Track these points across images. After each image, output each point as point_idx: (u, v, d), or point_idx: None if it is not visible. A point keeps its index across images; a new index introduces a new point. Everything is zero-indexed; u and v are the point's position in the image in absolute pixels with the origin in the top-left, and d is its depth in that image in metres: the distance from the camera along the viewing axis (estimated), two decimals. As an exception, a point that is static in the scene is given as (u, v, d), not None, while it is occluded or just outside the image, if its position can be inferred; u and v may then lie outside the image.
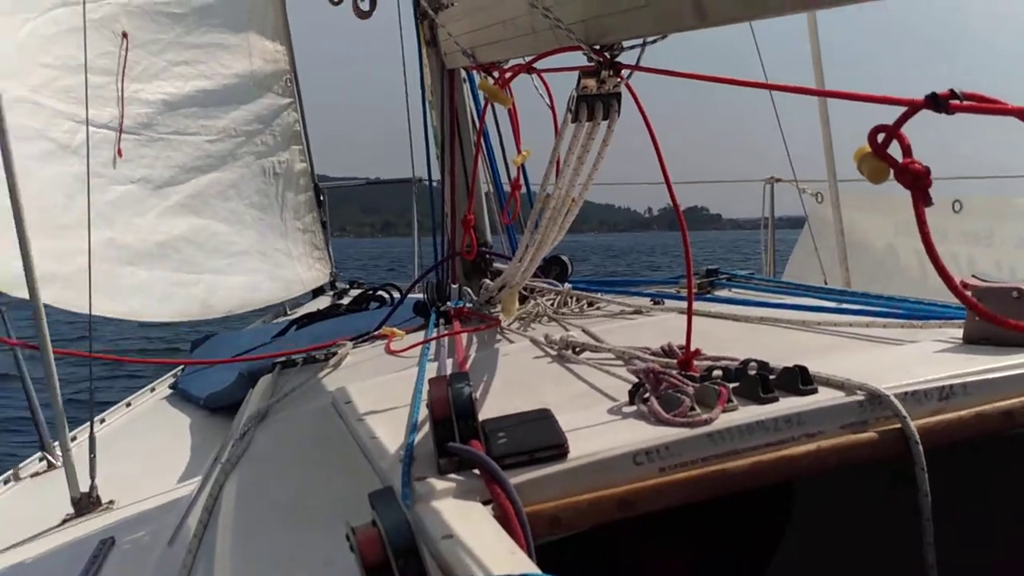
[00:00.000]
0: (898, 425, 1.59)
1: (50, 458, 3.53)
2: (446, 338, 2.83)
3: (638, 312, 2.99)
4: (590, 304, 3.18)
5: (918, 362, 1.85)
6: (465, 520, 1.32)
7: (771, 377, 1.70)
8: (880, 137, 1.19)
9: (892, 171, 1.19)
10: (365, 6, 3.82)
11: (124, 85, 5.21)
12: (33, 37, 4.56)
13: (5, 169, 2.85)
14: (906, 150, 1.18)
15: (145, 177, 5.39)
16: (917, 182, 1.15)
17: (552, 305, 3.15)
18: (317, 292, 6.88)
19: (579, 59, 2.05)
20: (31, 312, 2.97)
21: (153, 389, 4.72)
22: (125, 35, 5.24)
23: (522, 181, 3.48)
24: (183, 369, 4.87)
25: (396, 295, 5.19)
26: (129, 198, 5.24)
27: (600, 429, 1.62)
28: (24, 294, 3.18)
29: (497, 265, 3.64)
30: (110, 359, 4.20)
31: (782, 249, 6.63)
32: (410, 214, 7.72)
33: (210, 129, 5.88)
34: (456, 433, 1.49)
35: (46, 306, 3.03)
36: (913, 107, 1.15)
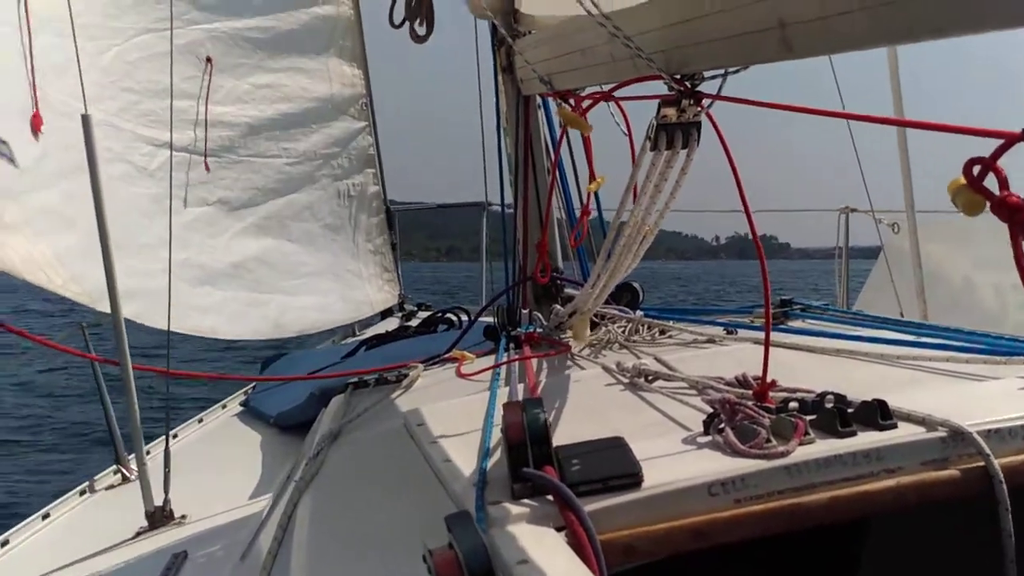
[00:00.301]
0: (981, 463, 1.55)
1: (124, 471, 3.59)
2: (516, 363, 2.83)
3: (711, 341, 2.96)
4: (662, 332, 3.15)
5: (1002, 399, 1.80)
6: (539, 546, 1.32)
7: (849, 410, 1.68)
8: (976, 170, 1.17)
9: (988, 204, 1.17)
10: (421, 31, 3.87)
11: (208, 108, 5.36)
12: (117, 62, 4.71)
13: (92, 190, 2.94)
14: (1003, 183, 1.15)
15: (222, 199, 5.52)
16: (1015, 216, 1.13)
17: (623, 332, 3.14)
18: (385, 314, 6.94)
19: (658, 87, 2.06)
20: (110, 328, 3.04)
21: (224, 406, 4.79)
22: (209, 60, 5.39)
23: (593, 207, 3.48)
24: (254, 387, 4.94)
25: (464, 318, 5.21)
26: (206, 219, 5.37)
27: (674, 459, 1.61)
28: (107, 308, 3.28)
29: (568, 291, 3.64)
30: (187, 375, 4.28)
31: (853, 280, 6.52)
32: (475, 239, 7.77)
33: (291, 152, 6.01)
34: (530, 459, 1.50)
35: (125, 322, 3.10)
36: (1010, 140, 1.13)
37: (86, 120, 2.95)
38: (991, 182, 1.16)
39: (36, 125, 3.78)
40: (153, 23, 4.86)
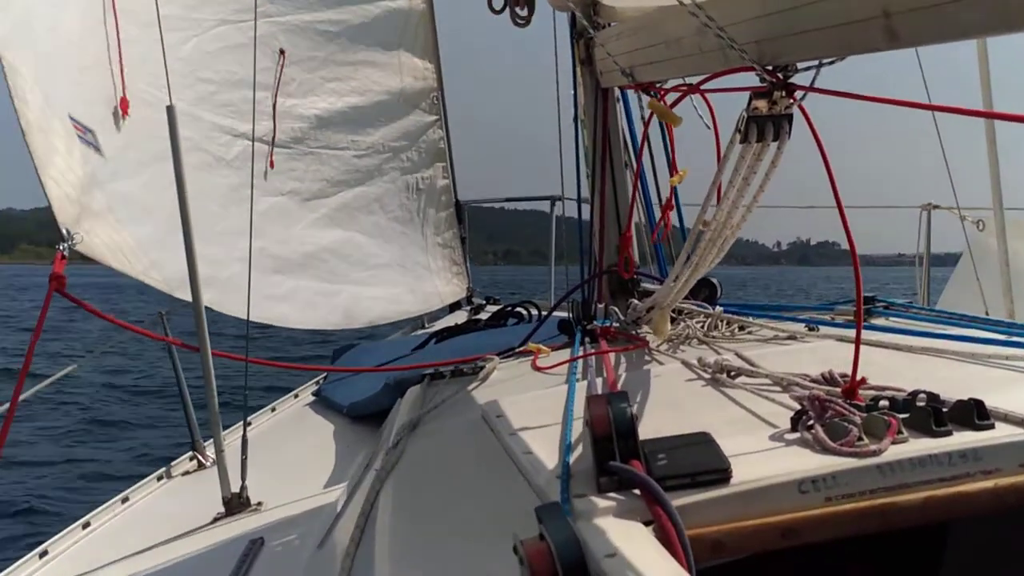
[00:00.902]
0: None
1: (200, 458, 3.65)
2: (594, 357, 2.82)
3: (792, 338, 2.92)
4: (741, 328, 3.11)
5: None
6: (628, 539, 1.31)
7: (944, 409, 1.64)
8: None
9: None
10: (523, 13, 3.88)
11: (278, 100, 5.44)
12: (196, 53, 4.80)
13: (176, 179, 3.00)
14: None
15: (295, 190, 5.61)
16: None
17: (702, 328, 3.10)
18: (454, 307, 6.98)
19: (745, 78, 2.03)
20: (187, 317, 3.09)
21: (296, 396, 4.85)
22: (283, 52, 5.48)
23: (673, 201, 3.45)
24: (326, 376, 5.00)
25: (534, 312, 5.20)
26: (279, 209, 5.46)
27: (762, 455, 1.59)
28: (185, 295, 3.34)
29: (645, 286, 3.62)
30: (265, 363, 4.34)
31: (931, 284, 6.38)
32: (533, 243, 7.79)
33: (359, 144, 6.07)
34: (616, 452, 1.49)
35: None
36: None
37: (171, 111, 3.00)
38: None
39: (124, 109, 3.88)
40: (231, 14, 4.95)
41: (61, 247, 2.95)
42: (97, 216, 3.39)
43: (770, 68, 1.86)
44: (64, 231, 3.00)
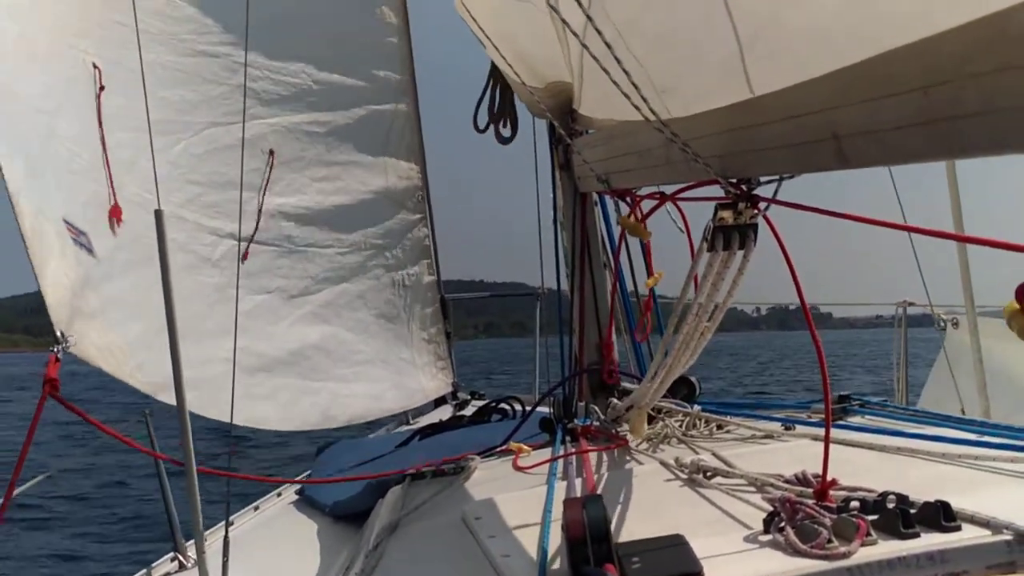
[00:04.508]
0: None
1: (181, 559, 3.60)
2: (574, 456, 2.84)
3: (769, 437, 2.96)
4: (719, 427, 3.15)
5: None
6: None
7: (912, 511, 1.67)
8: None
9: None
10: (507, 133, 4.00)
11: (265, 199, 5.52)
12: (184, 155, 4.89)
13: (163, 283, 3.04)
14: None
15: (281, 287, 5.64)
16: None
17: (681, 427, 3.14)
18: (439, 402, 6.96)
19: (714, 189, 2.11)
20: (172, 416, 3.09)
21: (279, 494, 4.81)
22: (272, 152, 5.59)
23: (652, 303, 3.51)
24: (309, 474, 4.96)
25: (518, 407, 5.21)
26: (265, 306, 5.49)
27: (735, 557, 1.61)
28: (168, 399, 3.33)
29: (624, 384, 3.66)
30: (248, 479, 4.33)
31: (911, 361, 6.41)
32: (513, 316, 7.82)
33: (343, 242, 6.13)
34: (591, 556, 1.51)
35: None
36: None
37: (159, 215, 3.06)
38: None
39: (117, 217, 3.94)
40: (220, 117, 5.07)
41: (55, 350, 2.97)
42: (89, 318, 3.43)
43: (733, 181, 1.94)
44: (59, 333, 3.03)
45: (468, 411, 5.96)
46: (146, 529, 9.89)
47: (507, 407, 5.35)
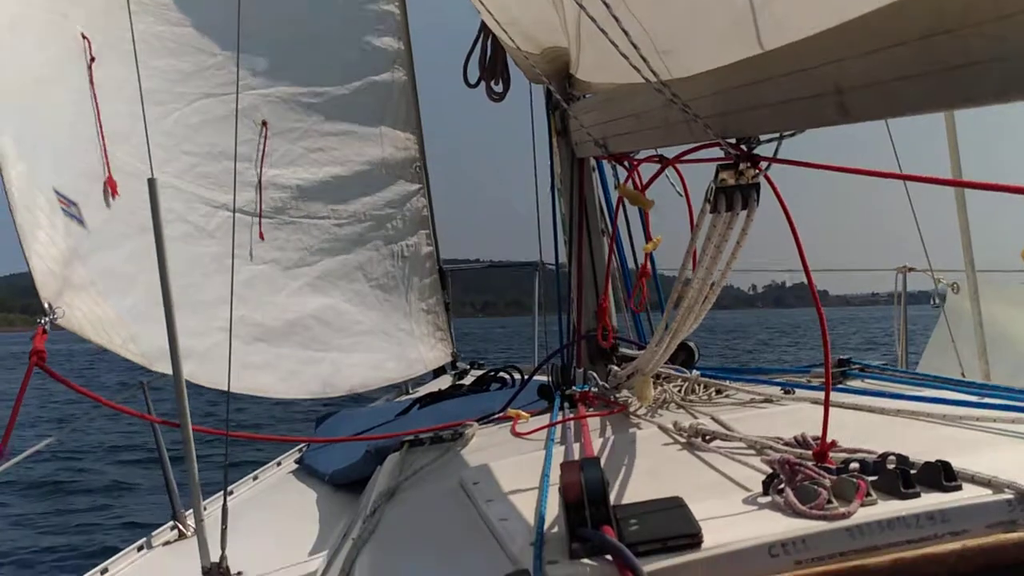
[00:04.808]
0: None
1: (181, 527, 3.61)
2: (572, 422, 2.84)
3: (768, 401, 2.95)
4: (718, 392, 3.14)
5: None
6: None
7: (912, 472, 1.66)
8: None
9: None
10: (499, 89, 3.96)
11: (263, 171, 5.51)
12: (178, 126, 4.88)
13: (157, 252, 3.01)
14: None
15: (276, 259, 5.64)
16: None
17: (680, 392, 3.13)
18: (438, 372, 6.97)
19: (715, 150, 2.08)
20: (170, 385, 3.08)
21: (279, 463, 4.82)
22: (265, 124, 5.56)
23: (649, 267, 3.50)
24: (308, 444, 4.97)
25: (517, 376, 5.22)
26: (262, 278, 5.49)
27: (734, 519, 1.61)
28: (163, 369, 3.33)
29: (623, 350, 3.65)
30: (246, 437, 4.33)
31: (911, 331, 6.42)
32: (511, 294, 7.82)
33: (340, 213, 6.12)
34: (588, 518, 1.50)
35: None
36: None
37: (152, 184, 3.03)
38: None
39: (112, 188, 3.92)
40: (214, 88, 5.04)
41: (43, 321, 2.95)
42: (78, 290, 3.41)
43: (734, 141, 1.92)
44: (46, 305, 3.01)
45: (467, 381, 5.97)
46: (146, 498, 9.94)
47: (506, 376, 5.35)
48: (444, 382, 6.46)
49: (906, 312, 6.00)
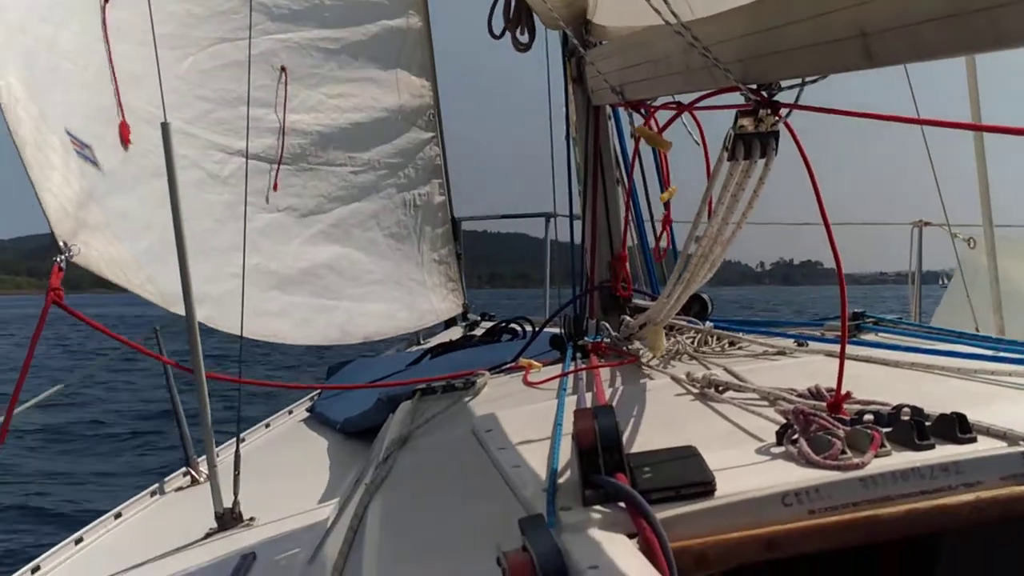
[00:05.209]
0: None
1: (194, 473, 3.63)
2: (584, 372, 2.84)
3: (781, 353, 2.94)
4: (731, 344, 3.13)
5: None
6: (611, 552, 1.32)
7: (927, 424, 1.66)
8: None
9: None
10: (524, 39, 3.91)
11: (283, 116, 5.47)
12: (192, 71, 4.82)
13: (171, 197, 3.00)
14: None
15: (292, 206, 5.62)
16: None
17: (692, 343, 3.12)
18: (449, 323, 6.98)
19: (734, 96, 2.05)
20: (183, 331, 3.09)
21: (291, 412, 4.85)
22: (284, 69, 5.50)
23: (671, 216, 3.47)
24: (320, 392, 5.00)
25: (528, 328, 5.22)
26: (275, 225, 5.47)
27: (747, 469, 1.60)
28: (181, 310, 3.33)
29: (636, 301, 3.63)
30: (258, 383, 4.34)
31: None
32: (519, 266, 7.80)
33: (356, 161, 6.09)
34: (601, 465, 1.50)
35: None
36: None
37: (165, 128, 3.02)
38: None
39: (124, 134, 3.89)
40: (229, 32, 4.97)
41: (58, 259, 2.94)
42: (94, 230, 3.40)
43: (754, 87, 1.89)
44: (61, 243, 3.00)
45: (478, 332, 5.98)
46: (159, 452, 10.05)
47: (517, 327, 5.35)
48: (455, 333, 6.48)
49: (920, 269, 5.97)
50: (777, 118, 1.91)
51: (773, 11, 1.73)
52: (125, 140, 3.90)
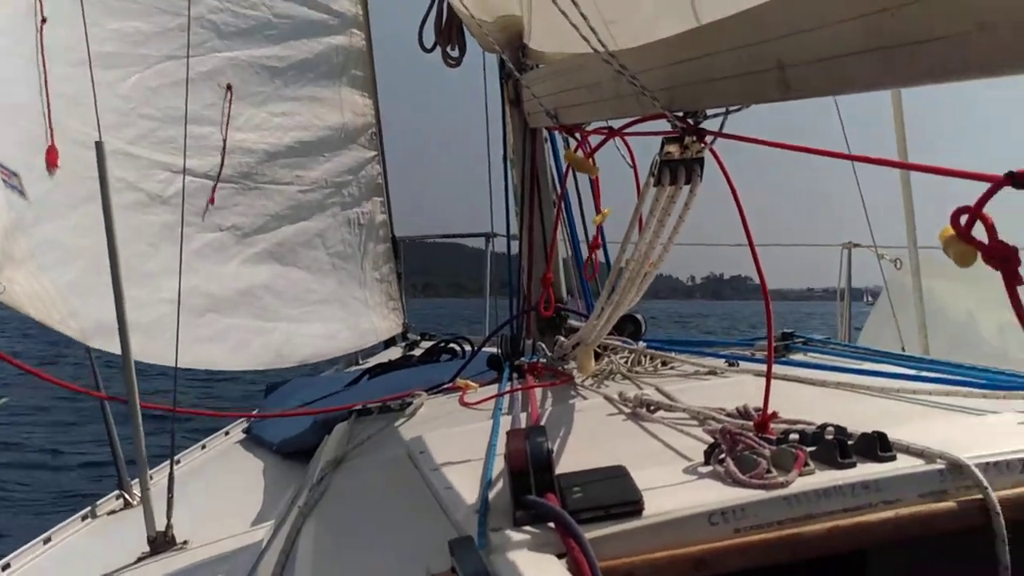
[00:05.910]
0: (979, 496, 1.57)
1: (127, 496, 3.57)
2: (520, 392, 2.85)
3: (712, 373, 2.99)
4: (664, 363, 3.18)
5: (1001, 433, 1.82)
6: (539, 572, 1.34)
7: (849, 442, 1.70)
8: (963, 219, 1.18)
9: (980, 254, 1.17)
10: (455, 54, 3.93)
11: (228, 135, 5.40)
12: (137, 89, 4.74)
13: (105, 220, 2.95)
14: (990, 230, 1.15)
15: (236, 224, 5.54)
16: (1007, 264, 1.13)
17: (626, 363, 3.16)
18: (389, 343, 6.95)
19: (661, 123, 2.09)
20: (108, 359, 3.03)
21: (227, 433, 4.78)
22: (230, 87, 5.45)
23: (600, 238, 3.51)
24: (258, 411, 4.94)
25: (467, 348, 5.22)
26: (215, 246, 5.39)
27: (675, 488, 1.63)
28: (100, 345, 3.26)
29: (571, 322, 3.67)
30: (192, 413, 4.27)
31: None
32: (453, 276, 7.81)
33: (304, 179, 6.05)
34: (532, 486, 1.52)
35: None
36: (995, 185, 1.13)
37: (99, 147, 2.97)
38: (981, 230, 1.16)
39: (52, 159, 3.81)
40: (176, 50, 4.91)
41: None
42: (19, 264, 3.33)
43: (680, 114, 1.93)
44: None
45: (418, 352, 5.96)
46: (94, 470, 9.79)
47: (456, 347, 5.36)
48: (394, 353, 6.45)
49: (850, 288, 6.10)
50: (703, 145, 1.96)
51: (695, 43, 1.77)
52: (52, 165, 3.81)
